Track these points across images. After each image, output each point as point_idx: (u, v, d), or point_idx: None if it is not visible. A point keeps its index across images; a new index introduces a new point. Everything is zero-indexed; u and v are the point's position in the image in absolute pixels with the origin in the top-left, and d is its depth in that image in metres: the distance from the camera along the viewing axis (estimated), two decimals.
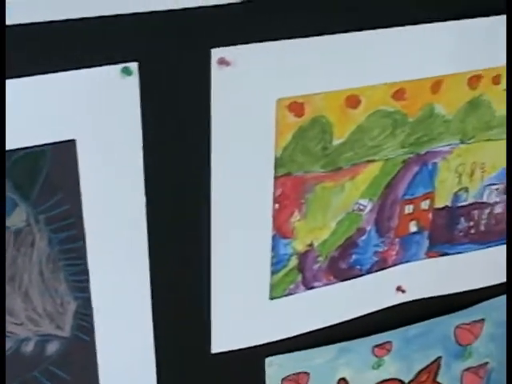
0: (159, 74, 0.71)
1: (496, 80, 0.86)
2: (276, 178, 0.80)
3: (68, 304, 0.78)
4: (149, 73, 0.70)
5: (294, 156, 0.80)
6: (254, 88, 0.75)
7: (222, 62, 0.72)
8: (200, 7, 0.69)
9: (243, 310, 0.87)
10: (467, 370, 1.07)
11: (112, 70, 0.69)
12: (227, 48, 0.72)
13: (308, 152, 0.80)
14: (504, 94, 0.88)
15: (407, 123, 0.84)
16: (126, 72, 0.69)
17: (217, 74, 0.73)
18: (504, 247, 0.97)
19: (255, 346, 0.90)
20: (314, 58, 0.76)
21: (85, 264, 0.76)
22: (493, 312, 1.04)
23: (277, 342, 0.91)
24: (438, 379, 1.05)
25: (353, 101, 0.80)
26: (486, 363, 1.08)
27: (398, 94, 0.81)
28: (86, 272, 0.77)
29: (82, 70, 0.68)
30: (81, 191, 0.72)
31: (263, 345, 0.91)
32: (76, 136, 0.70)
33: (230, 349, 0.89)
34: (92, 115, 0.70)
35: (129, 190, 0.75)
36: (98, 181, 0.73)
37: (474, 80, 0.85)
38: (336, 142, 0.81)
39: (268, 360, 0.92)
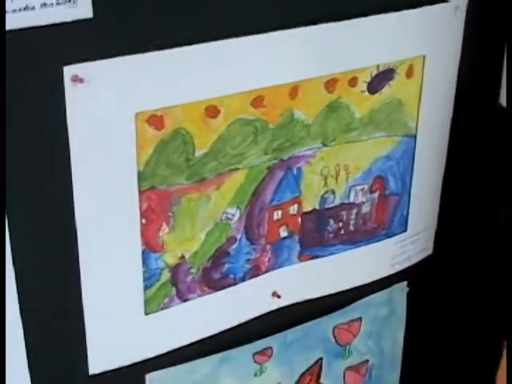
0: (11, 95, 0.70)
1: (352, 82, 0.88)
2: (140, 192, 0.80)
3: None
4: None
5: (157, 169, 0.80)
6: (110, 103, 0.74)
7: (76, 79, 0.71)
8: (49, 25, 0.69)
9: (119, 327, 0.86)
10: (348, 368, 1.08)
11: None
12: (80, 65, 0.71)
13: (171, 164, 0.80)
14: (362, 96, 0.90)
15: (268, 130, 0.85)
16: None
17: (71, 91, 0.72)
18: (374, 245, 1.00)
19: (134, 364, 0.89)
20: (169, 70, 0.76)
21: None
22: (369, 310, 1.06)
23: (157, 357, 0.91)
24: (321, 380, 1.07)
25: (212, 111, 0.80)
26: (367, 361, 1.10)
27: (257, 101, 0.82)
28: None
29: None
30: None
31: (143, 361, 0.90)
32: None
33: (109, 368, 0.88)
34: None
35: None
36: None
37: (331, 84, 0.86)
38: (198, 152, 0.81)
39: (148, 376, 0.91)
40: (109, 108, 0.74)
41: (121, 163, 0.77)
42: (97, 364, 0.86)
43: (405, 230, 1.02)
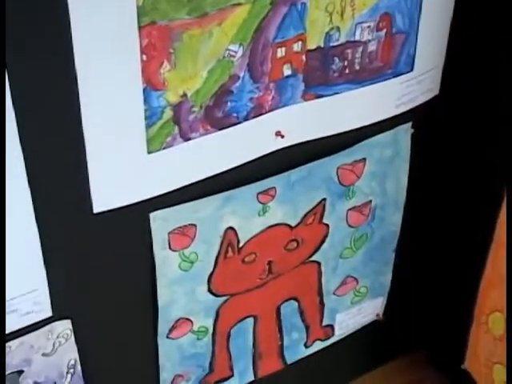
0: None
1: None
2: (140, 28, 0.77)
3: None
4: None
5: (157, 3, 0.77)
6: None
7: None
8: None
9: (122, 166, 0.86)
10: (352, 209, 1.09)
11: None
12: None
13: None
14: None
15: None
16: None
17: None
18: (379, 85, 0.98)
19: (138, 203, 0.90)
20: None
21: None
22: (373, 150, 1.06)
23: (160, 196, 0.91)
24: (324, 220, 1.07)
25: None
26: (370, 201, 1.10)
27: None
28: None
29: None
30: None
31: (146, 200, 0.90)
32: None
33: (113, 207, 0.88)
34: None
35: None
36: None
37: None
38: None
39: (152, 215, 0.92)
40: None
41: None
42: (100, 202, 0.87)
43: (411, 70, 1.00)
